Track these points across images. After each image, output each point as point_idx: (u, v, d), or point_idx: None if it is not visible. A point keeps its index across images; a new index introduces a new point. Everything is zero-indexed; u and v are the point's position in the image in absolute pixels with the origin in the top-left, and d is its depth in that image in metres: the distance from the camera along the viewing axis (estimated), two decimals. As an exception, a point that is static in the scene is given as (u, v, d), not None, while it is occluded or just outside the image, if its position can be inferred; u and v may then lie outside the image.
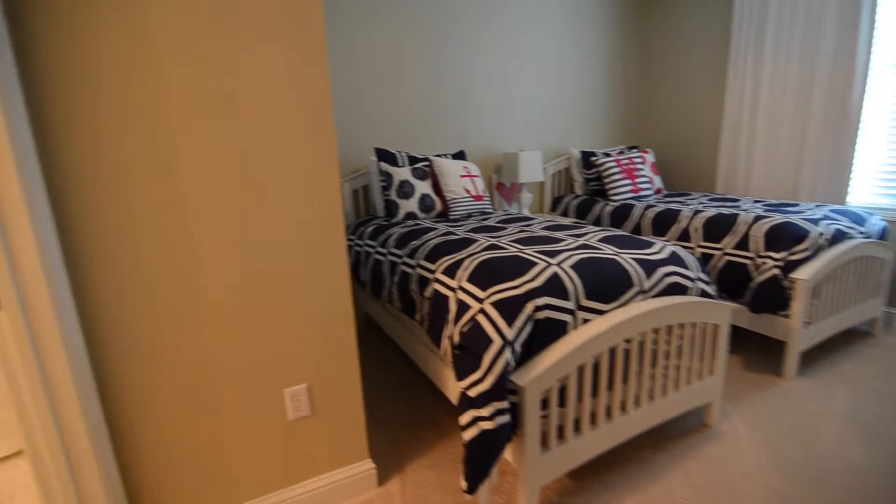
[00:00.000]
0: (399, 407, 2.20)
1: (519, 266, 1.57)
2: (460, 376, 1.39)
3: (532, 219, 2.60)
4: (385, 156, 2.95)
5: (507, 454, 1.48)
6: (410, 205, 2.78)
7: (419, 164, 3.00)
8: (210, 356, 1.34)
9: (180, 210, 1.23)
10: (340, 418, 1.58)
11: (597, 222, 3.46)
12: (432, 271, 1.85)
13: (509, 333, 1.35)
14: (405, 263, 2.10)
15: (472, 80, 3.49)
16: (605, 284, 1.57)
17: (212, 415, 1.37)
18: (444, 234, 2.19)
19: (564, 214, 3.79)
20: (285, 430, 1.49)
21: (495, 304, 1.42)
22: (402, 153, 3.05)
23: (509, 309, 1.39)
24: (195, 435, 1.36)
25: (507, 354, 1.32)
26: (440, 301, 1.71)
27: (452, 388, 1.78)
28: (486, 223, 2.53)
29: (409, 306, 2.02)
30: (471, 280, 1.60)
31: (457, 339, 1.49)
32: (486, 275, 1.58)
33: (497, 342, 1.33)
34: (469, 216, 2.88)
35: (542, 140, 3.93)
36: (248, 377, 1.41)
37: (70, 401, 1.11)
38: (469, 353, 1.40)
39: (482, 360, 1.32)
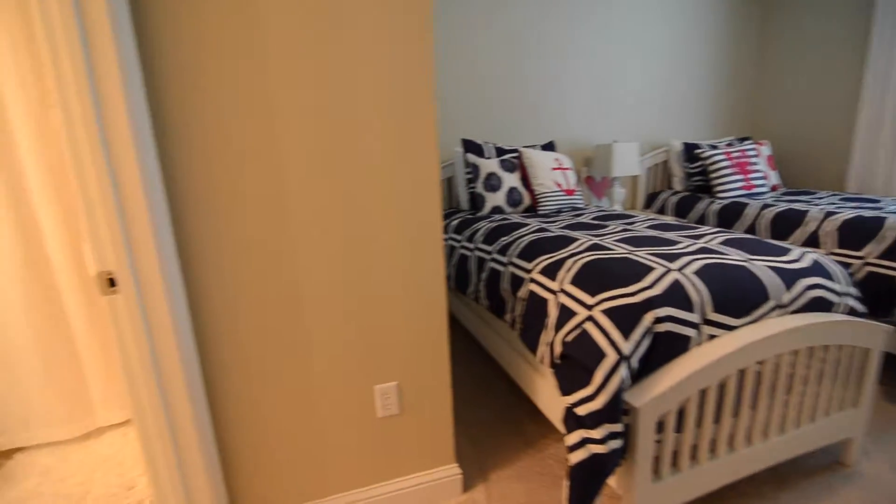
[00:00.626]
0: (483, 411, 2.11)
1: (633, 270, 1.40)
2: (566, 390, 1.25)
3: (632, 216, 2.37)
4: (471, 147, 2.84)
5: (612, 479, 1.33)
6: (497, 198, 2.66)
7: (507, 156, 2.86)
8: (306, 346, 1.32)
9: (282, 199, 1.20)
10: (428, 419, 1.51)
11: (700, 221, 3.12)
12: (528, 270, 1.72)
13: (625, 347, 1.19)
14: (495, 260, 1.99)
15: (561, 66, 3.28)
16: (737, 296, 1.35)
17: (306, 404, 1.36)
18: (538, 231, 2.05)
19: (661, 212, 3.48)
20: (374, 427, 1.45)
21: (607, 313, 1.27)
22: (489, 144, 2.93)
23: (624, 319, 1.23)
24: (290, 420, 1.35)
25: (623, 371, 1.16)
26: (537, 304, 1.58)
27: (544, 397, 1.65)
28: (580, 219, 2.34)
29: (497, 306, 1.91)
30: (575, 283, 1.45)
31: (559, 348, 1.36)
32: (593, 278, 1.42)
33: (611, 356, 1.18)
34: (559, 211, 2.70)
35: (637, 131, 3.62)
36: (340, 370, 1.37)
37: (176, 379, 1.12)
38: (576, 364, 1.26)
39: (593, 376, 1.18)
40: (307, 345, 1.32)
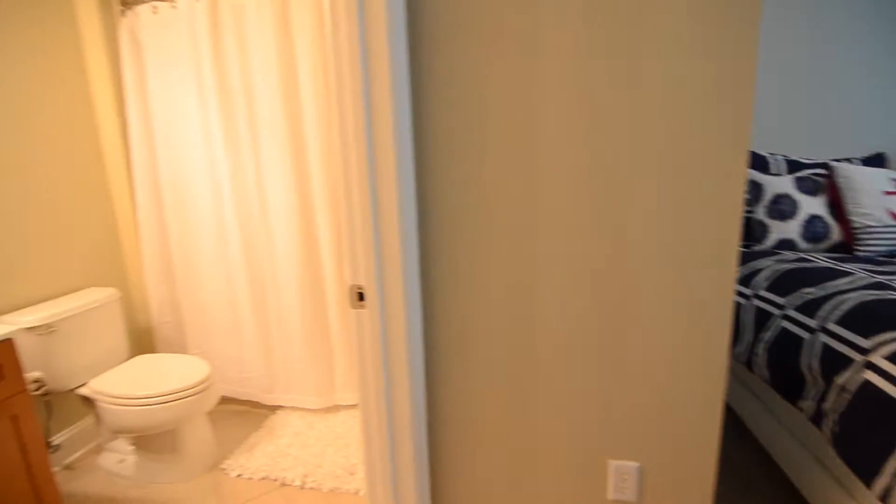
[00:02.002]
0: (740, 513, 1.57)
1: None
2: None
3: None
4: (751, 159, 2.22)
5: None
6: (788, 229, 2.00)
7: (807, 172, 2.14)
8: (533, 396, 1.12)
9: (532, 237, 1.02)
10: (676, 522, 1.14)
11: None
12: (861, 349, 1.16)
13: None
14: (791, 319, 1.44)
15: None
16: None
17: (525, 458, 1.17)
18: (873, 288, 1.40)
19: None
20: (602, 510, 1.16)
21: None
22: (777, 156, 2.25)
23: None
24: (505, 469, 1.19)
25: None
26: (881, 406, 1.03)
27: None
28: (945, 275, 1.54)
29: (788, 383, 1.37)
30: None
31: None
32: None
33: None
34: (893, 255, 1.88)
35: None
36: (570, 430, 1.13)
37: (402, 402, 1.07)
38: None
39: None
40: (535, 394, 1.12)
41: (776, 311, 1.51)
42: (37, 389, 1.66)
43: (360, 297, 1.00)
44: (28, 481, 1.34)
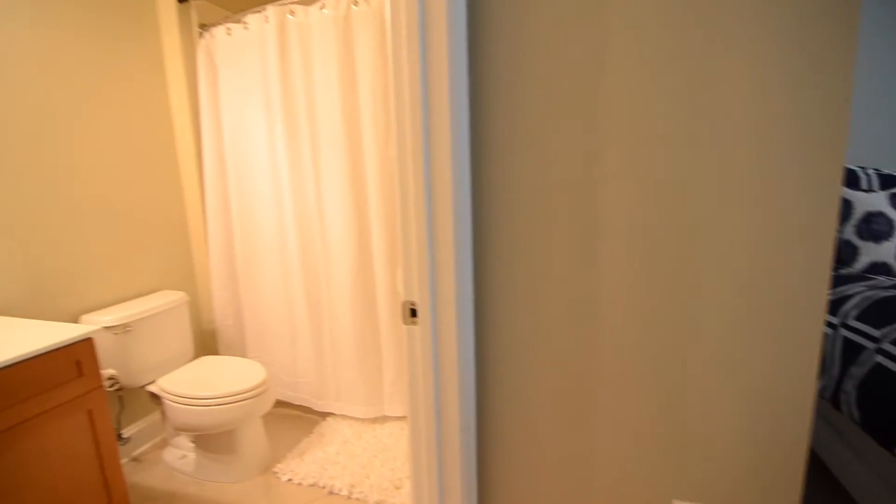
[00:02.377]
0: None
1: None
2: None
3: None
4: (838, 174, 2.02)
5: None
6: (883, 251, 1.80)
7: (905, 189, 1.92)
8: (592, 424, 1.05)
9: (594, 258, 0.96)
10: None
11: None
12: (981, 395, 1.00)
13: None
14: (888, 354, 1.28)
15: None
16: None
17: (582, 483, 1.10)
18: None
19: None
20: (666, 555, 1.07)
21: None
22: (868, 170, 2.04)
23: None
24: (560, 490, 1.12)
25: None
26: None
27: None
28: None
29: (887, 429, 1.21)
30: None
31: None
32: None
33: None
34: None
35: None
36: (630, 464, 1.05)
37: (451, 426, 1.04)
38: None
39: None
40: (595, 422, 1.05)
41: (869, 345, 1.35)
42: (111, 386, 1.78)
43: (413, 313, 0.98)
44: (99, 472, 1.42)
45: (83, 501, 1.38)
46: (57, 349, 1.28)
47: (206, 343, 2.44)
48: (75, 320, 1.80)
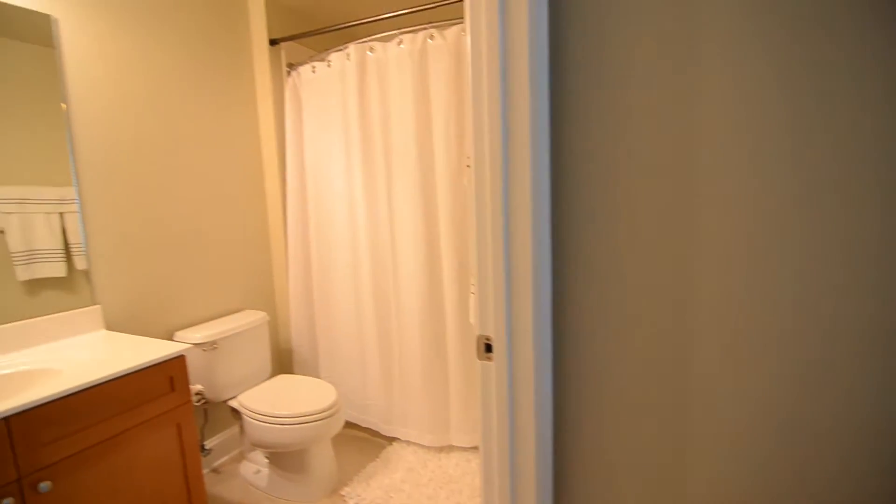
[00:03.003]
0: None
1: None
2: None
3: None
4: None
5: None
6: None
7: None
8: (691, 482, 0.95)
9: (690, 303, 0.88)
10: None
11: None
12: None
13: None
14: None
15: None
16: None
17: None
18: None
19: None
20: None
21: None
22: None
23: None
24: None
25: None
26: None
27: None
28: None
29: None
30: None
31: None
32: None
33: None
34: None
35: None
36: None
37: (527, 449, 0.97)
38: None
39: None
40: (692, 482, 0.94)
41: None
42: (198, 401, 1.90)
43: (488, 348, 0.95)
44: (184, 481, 1.51)
45: (169, 510, 1.46)
46: (154, 365, 1.38)
47: (283, 361, 2.55)
48: (170, 336, 1.95)
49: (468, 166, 1.62)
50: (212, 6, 2.14)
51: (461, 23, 1.89)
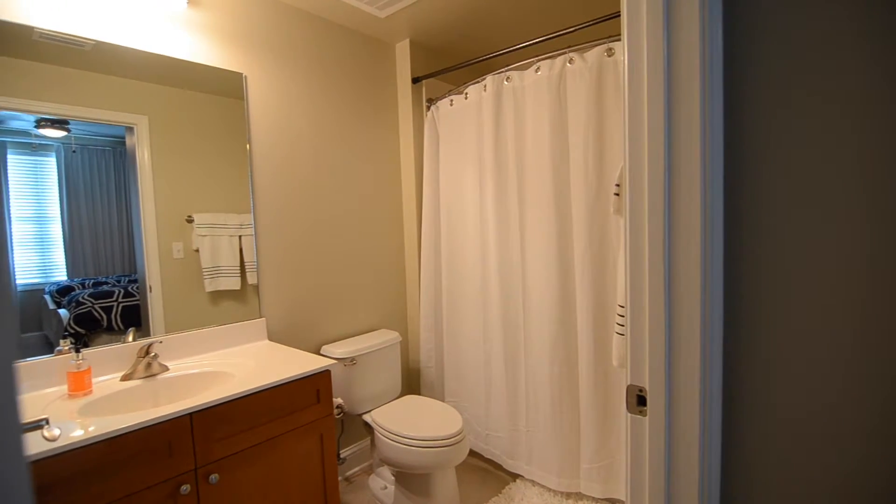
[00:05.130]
0: None
1: None
2: None
3: None
4: None
5: None
6: None
7: None
8: None
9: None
10: None
11: None
12: None
13: None
14: None
15: None
16: None
17: None
18: None
19: None
20: None
21: None
22: None
23: None
24: None
25: None
26: None
27: None
28: None
29: None
30: None
31: None
32: None
33: None
34: None
35: None
36: None
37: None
38: None
39: None
40: None
41: None
42: (338, 414, 2.04)
43: (641, 400, 0.84)
44: (321, 486, 1.60)
45: (308, 514, 1.56)
46: (306, 377, 1.51)
47: (411, 381, 2.63)
48: (317, 350, 2.14)
49: (616, 194, 1.52)
50: (365, 52, 2.37)
51: (603, 44, 1.81)
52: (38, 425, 0.82)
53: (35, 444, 0.99)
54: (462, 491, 2.06)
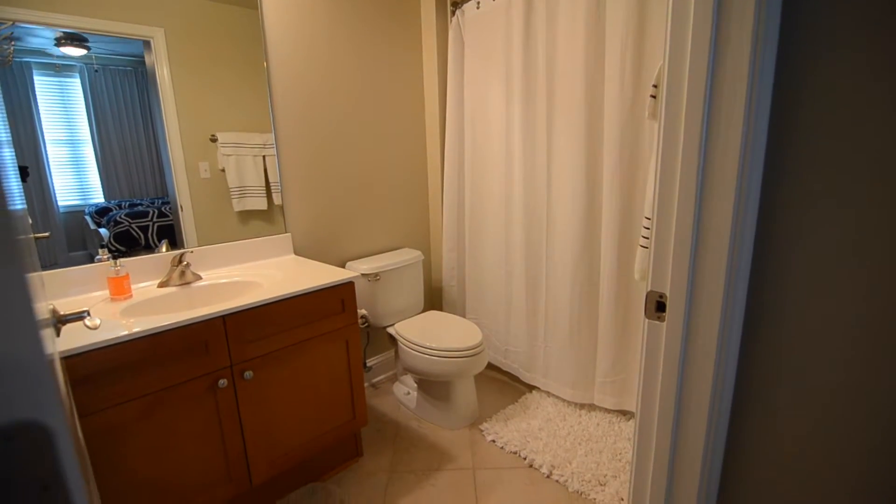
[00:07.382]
0: None
1: None
2: None
3: None
4: None
5: None
6: None
7: None
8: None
9: None
10: None
11: None
12: None
13: None
14: None
15: None
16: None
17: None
18: None
19: None
20: None
21: None
22: None
23: None
24: None
25: None
26: None
27: None
28: None
29: None
30: None
31: None
32: None
33: None
34: None
35: None
36: None
37: (694, 433, 0.86)
38: None
39: None
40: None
41: None
42: (363, 324, 2.13)
43: (660, 307, 0.83)
44: (349, 389, 1.72)
45: (337, 409, 1.69)
46: (330, 287, 1.56)
47: (433, 299, 2.71)
48: (342, 265, 2.20)
49: (653, 96, 1.42)
50: (385, -53, 2.17)
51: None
52: (80, 316, 0.88)
53: (88, 336, 1.08)
54: (481, 399, 2.18)
